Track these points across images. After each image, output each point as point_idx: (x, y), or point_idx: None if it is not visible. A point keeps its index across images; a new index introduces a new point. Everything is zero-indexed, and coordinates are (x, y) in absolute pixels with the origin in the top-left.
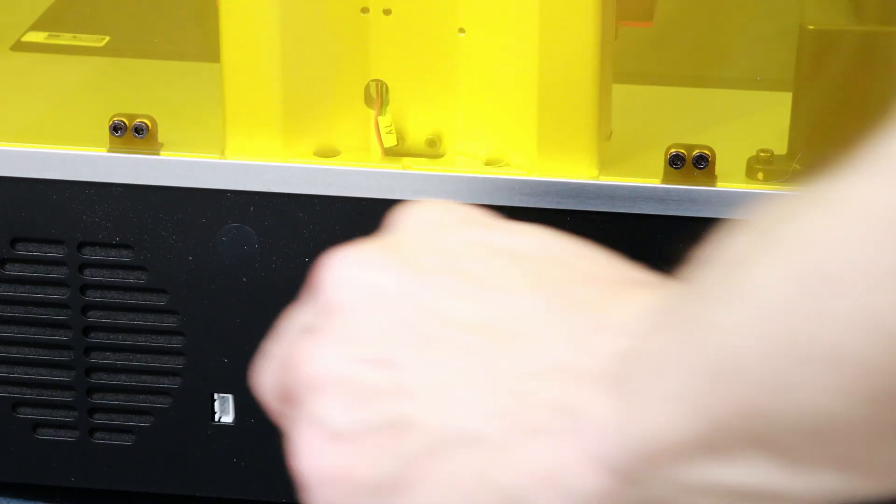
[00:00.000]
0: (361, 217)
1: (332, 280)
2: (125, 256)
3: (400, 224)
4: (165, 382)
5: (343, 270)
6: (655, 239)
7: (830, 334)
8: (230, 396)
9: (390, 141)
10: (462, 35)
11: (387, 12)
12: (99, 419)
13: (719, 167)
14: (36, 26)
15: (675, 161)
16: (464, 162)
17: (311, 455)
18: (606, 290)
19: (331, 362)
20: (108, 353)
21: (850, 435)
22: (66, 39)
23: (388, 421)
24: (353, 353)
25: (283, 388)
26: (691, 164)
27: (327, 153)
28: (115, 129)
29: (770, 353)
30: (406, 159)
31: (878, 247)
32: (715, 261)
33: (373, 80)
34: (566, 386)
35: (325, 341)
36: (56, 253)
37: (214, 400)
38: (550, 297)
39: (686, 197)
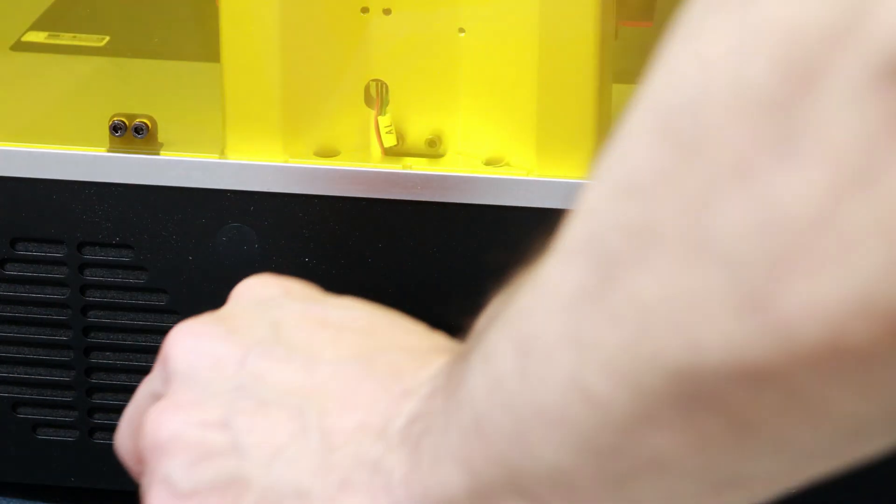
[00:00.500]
0: (361, 217)
1: (174, 350)
2: (125, 256)
3: (238, 298)
4: None
5: (184, 341)
6: None
7: (544, 396)
8: None
9: (390, 141)
10: (462, 35)
11: (387, 12)
12: (99, 419)
13: None
14: (36, 26)
15: None
16: (464, 162)
17: None
18: (412, 357)
19: (174, 427)
20: (108, 353)
21: (584, 485)
22: (66, 39)
23: (226, 479)
24: (193, 417)
25: (136, 450)
26: None
27: (327, 153)
28: (115, 129)
29: (505, 414)
30: (406, 159)
31: (564, 317)
32: (476, 328)
33: (373, 80)
34: (375, 445)
35: (168, 407)
36: (56, 253)
37: None
38: (365, 366)
39: None
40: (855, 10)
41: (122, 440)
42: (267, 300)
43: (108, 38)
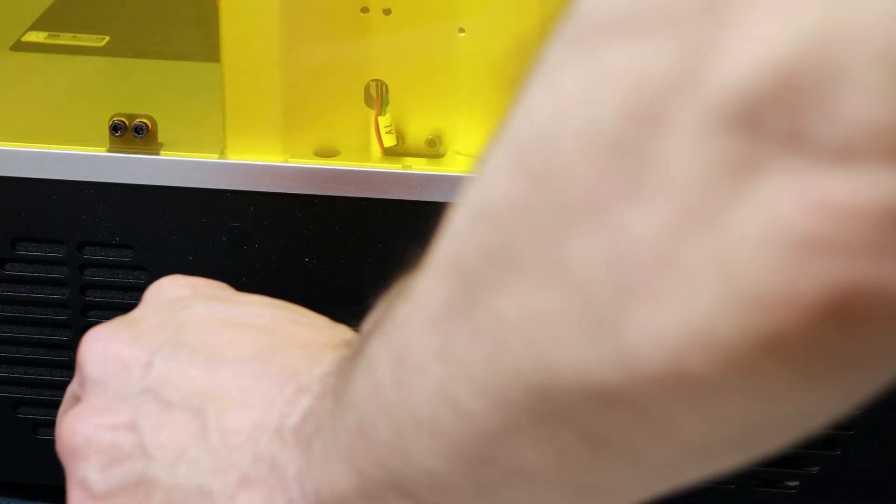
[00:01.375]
0: (361, 217)
1: (86, 356)
2: (125, 256)
3: (149, 299)
4: None
5: (94, 347)
6: None
7: (418, 406)
8: None
9: (390, 141)
10: (462, 35)
11: (387, 12)
12: None
13: None
14: (36, 26)
15: None
16: (464, 162)
17: None
18: (308, 354)
19: (86, 431)
20: None
21: (460, 490)
22: (66, 39)
23: (135, 480)
24: (105, 421)
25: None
26: None
27: (327, 153)
28: (115, 129)
29: (385, 419)
30: (406, 159)
31: (434, 332)
32: (362, 330)
33: (373, 80)
34: (271, 443)
35: (81, 413)
36: (56, 253)
37: None
38: (262, 364)
39: None
40: (694, 62)
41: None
42: (175, 301)
43: (108, 38)
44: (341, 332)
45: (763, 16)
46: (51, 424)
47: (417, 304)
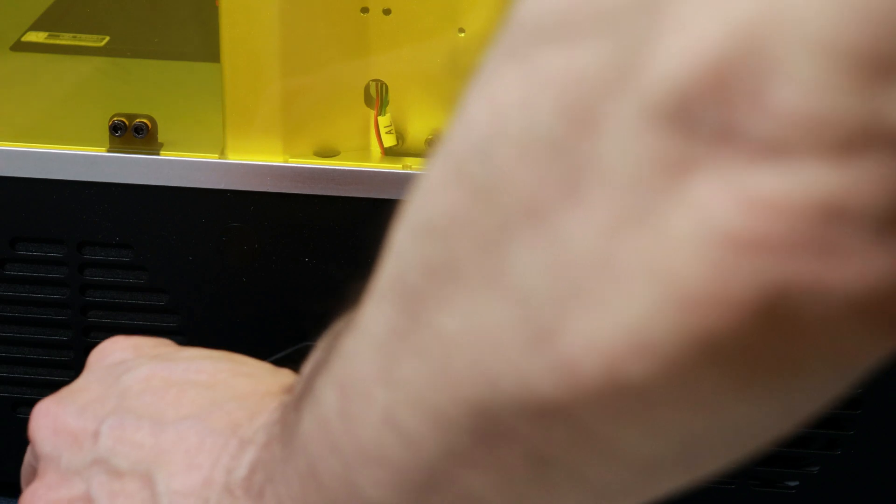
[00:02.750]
0: (361, 217)
1: (36, 434)
2: (125, 256)
3: (92, 366)
4: None
5: (41, 421)
6: None
7: (363, 436)
8: None
9: (390, 141)
10: (462, 35)
11: (387, 12)
12: None
13: None
14: (36, 26)
15: None
16: None
17: None
18: (247, 405)
19: None
20: None
21: None
22: (66, 39)
23: None
24: (60, 496)
25: None
26: None
27: (327, 153)
28: (115, 129)
29: (333, 456)
30: (406, 159)
31: (378, 357)
32: (303, 373)
33: (373, 80)
34: (221, 499)
35: (38, 489)
36: (56, 253)
37: None
38: (205, 422)
39: None
40: (626, 60)
41: None
42: (118, 364)
43: (108, 38)
44: (282, 377)
45: (693, 10)
46: None
47: (361, 331)
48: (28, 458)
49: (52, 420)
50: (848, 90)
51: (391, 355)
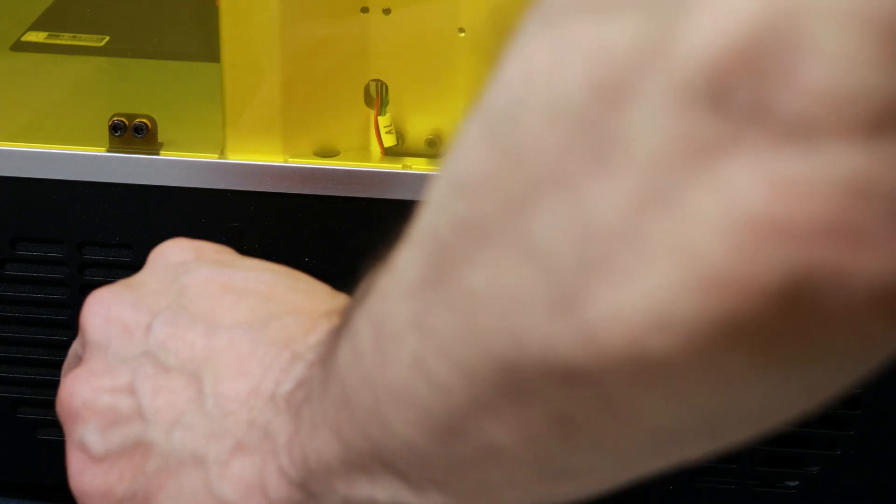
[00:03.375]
0: (361, 217)
1: (87, 319)
2: (125, 256)
3: (153, 262)
4: None
5: (96, 310)
6: None
7: (395, 375)
8: None
9: (390, 141)
10: (462, 35)
11: (387, 12)
12: None
13: None
14: (36, 26)
15: None
16: None
17: (78, 475)
18: (304, 321)
19: (86, 394)
20: None
21: (435, 462)
22: (65, 39)
23: (132, 443)
24: (104, 384)
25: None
26: None
27: (327, 153)
28: (115, 129)
29: (366, 389)
30: (406, 159)
31: (410, 302)
32: (349, 303)
33: (373, 80)
34: (265, 410)
35: (80, 375)
36: (56, 253)
37: None
38: (259, 331)
39: None
40: (658, 36)
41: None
42: (179, 265)
43: (108, 38)
44: (340, 300)
45: None
46: (51, 424)
47: (396, 274)
48: (74, 346)
49: (105, 308)
50: (876, 65)
51: (422, 303)
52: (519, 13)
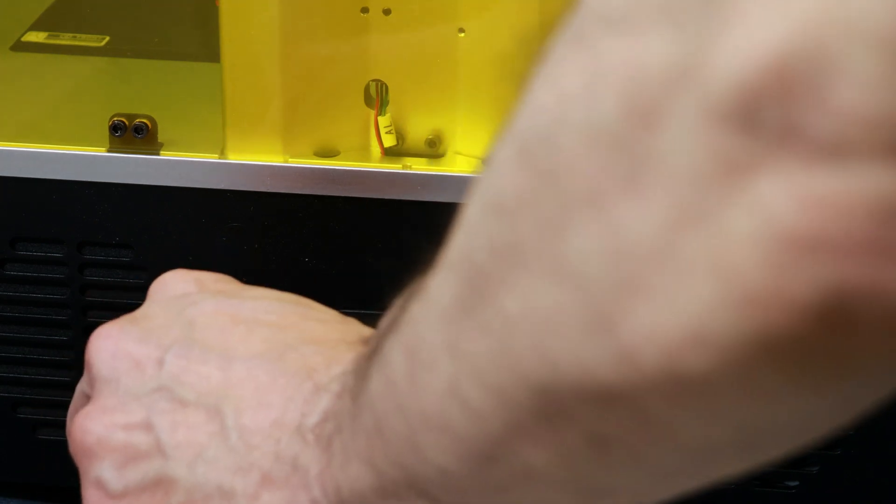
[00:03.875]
0: (361, 217)
1: (95, 356)
2: (125, 256)
3: (154, 296)
4: None
5: (104, 346)
6: None
7: (429, 402)
8: None
9: (390, 141)
10: (462, 35)
11: (387, 12)
12: None
13: None
14: (36, 26)
15: None
16: (463, 162)
17: None
18: (322, 351)
19: (99, 431)
20: None
21: (470, 487)
22: (66, 39)
23: (153, 480)
24: (117, 420)
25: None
26: None
27: (327, 153)
28: (115, 129)
29: (399, 418)
30: (406, 159)
31: (444, 327)
32: (378, 329)
33: (373, 80)
34: (292, 442)
35: (92, 412)
36: (56, 253)
37: None
38: (278, 363)
39: None
40: (691, 56)
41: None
42: (182, 297)
43: (108, 38)
44: (353, 326)
45: (759, 6)
46: (51, 424)
47: (430, 299)
48: (81, 386)
49: (112, 343)
50: None
51: (456, 328)
52: (544, 36)
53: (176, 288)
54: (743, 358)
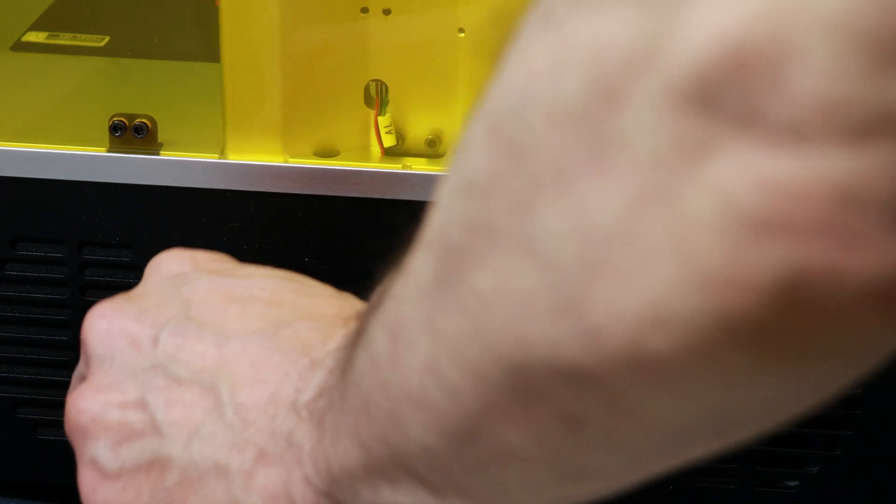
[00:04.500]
0: (361, 217)
1: (90, 333)
2: (125, 256)
3: (150, 275)
4: None
5: (98, 324)
6: None
7: (409, 379)
8: None
9: (390, 141)
10: (462, 35)
11: (387, 12)
12: None
13: None
14: (36, 26)
15: None
16: None
17: (91, 494)
18: (317, 327)
19: (94, 409)
20: None
21: (453, 465)
22: (66, 39)
23: (148, 459)
24: (112, 398)
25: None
26: None
27: (327, 153)
28: (115, 129)
29: (383, 394)
30: (406, 159)
31: (422, 305)
32: (365, 309)
33: (373, 80)
34: (286, 418)
35: (86, 391)
36: (56, 253)
37: None
38: (272, 339)
39: None
40: (653, 36)
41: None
42: (177, 275)
43: (108, 38)
44: (348, 301)
45: None
46: (51, 424)
47: (409, 278)
48: (79, 369)
49: (108, 321)
50: (864, 75)
51: (433, 305)
52: (518, 14)
53: (171, 267)
54: (703, 339)
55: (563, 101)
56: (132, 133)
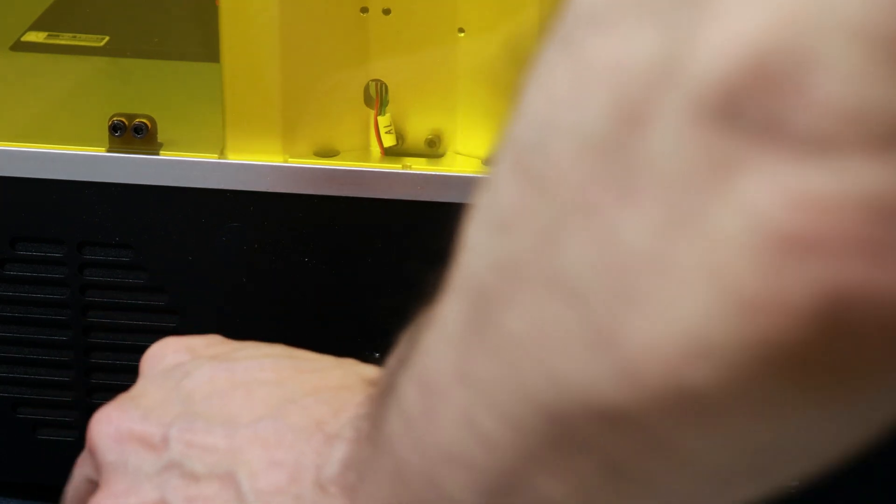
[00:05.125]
0: (361, 217)
1: (97, 439)
2: (125, 256)
3: (147, 371)
4: None
5: (102, 428)
6: None
7: (445, 435)
8: None
9: (390, 141)
10: (462, 35)
11: (387, 12)
12: None
13: None
14: (36, 26)
15: None
16: (463, 162)
17: None
18: (325, 400)
19: None
20: (108, 353)
21: None
22: (65, 39)
23: None
24: None
25: None
26: None
27: (327, 153)
28: (115, 129)
29: (417, 455)
30: (406, 159)
31: (454, 355)
32: (387, 367)
33: (372, 80)
34: (313, 495)
35: (103, 500)
36: (56, 253)
37: None
38: (282, 420)
39: None
40: (672, 54)
41: None
42: (175, 367)
43: (108, 38)
44: (350, 368)
45: (737, 0)
46: (51, 424)
47: (438, 327)
48: (81, 471)
49: (114, 427)
50: (886, 82)
51: (466, 353)
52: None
53: (168, 359)
54: (745, 367)
55: (586, 128)
56: (132, 133)
